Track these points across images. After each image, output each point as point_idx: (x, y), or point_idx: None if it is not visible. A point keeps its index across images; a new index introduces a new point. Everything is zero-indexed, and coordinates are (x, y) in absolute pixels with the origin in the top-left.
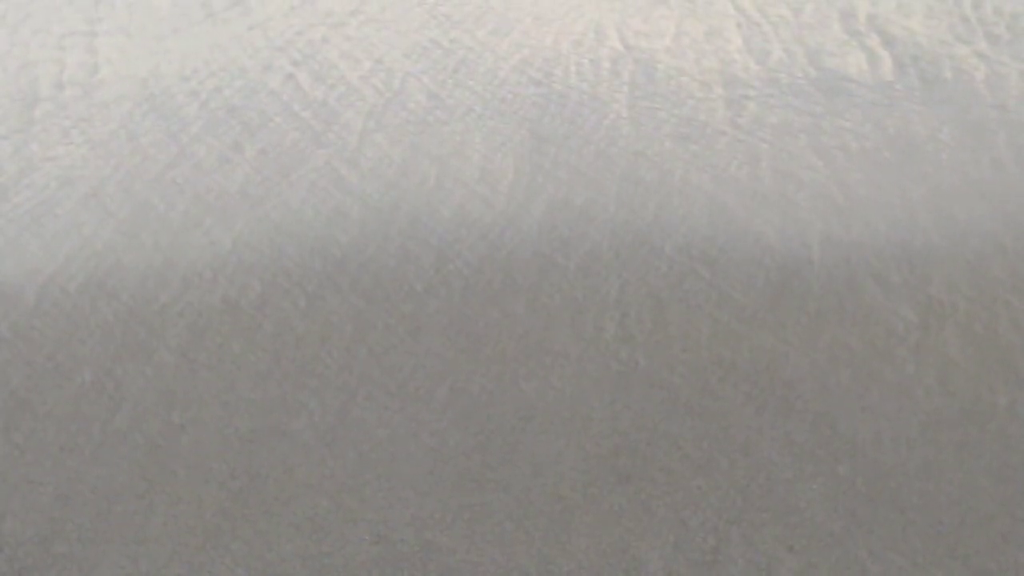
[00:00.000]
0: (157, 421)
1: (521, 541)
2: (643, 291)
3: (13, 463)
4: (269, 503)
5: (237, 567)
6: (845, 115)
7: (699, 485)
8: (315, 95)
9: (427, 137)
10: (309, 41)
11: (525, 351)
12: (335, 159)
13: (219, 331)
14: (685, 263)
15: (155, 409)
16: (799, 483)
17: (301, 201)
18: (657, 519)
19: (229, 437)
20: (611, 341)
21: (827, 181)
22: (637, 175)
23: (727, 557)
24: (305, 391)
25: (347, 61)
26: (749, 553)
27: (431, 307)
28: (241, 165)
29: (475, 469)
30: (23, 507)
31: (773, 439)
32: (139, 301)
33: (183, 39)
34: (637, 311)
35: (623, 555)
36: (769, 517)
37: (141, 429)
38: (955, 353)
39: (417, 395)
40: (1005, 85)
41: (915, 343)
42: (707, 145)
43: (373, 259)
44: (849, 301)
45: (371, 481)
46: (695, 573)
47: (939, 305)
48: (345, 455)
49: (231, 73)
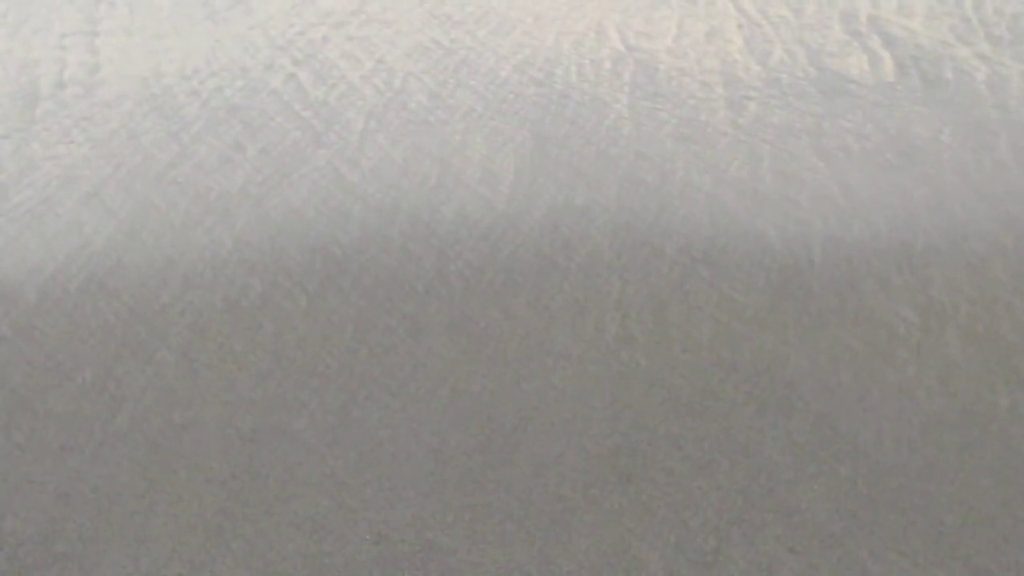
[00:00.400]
0: (158, 420)
1: (522, 541)
2: (644, 292)
3: (14, 462)
4: (270, 502)
5: (238, 566)
6: (846, 116)
7: (700, 485)
8: (316, 95)
9: (428, 137)
10: (310, 41)
11: (526, 351)
12: (336, 159)
13: (220, 331)
14: (686, 264)
15: (156, 408)
16: (800, 484)
17: (302, 201)
18: (658, 519)
19: (230, 436)
20: (612, 341)
21: (828, 182)
22: (638, 175)
23: (728, 558)
24: (306, 391)
25: (348, 61)
26: (750, 554)
27: (432, 307)
28: (242, 164)
29: (476, 469)
30: (24, 506)
31: (774, 440)
32: (140, 300)
33: (184, 38)
34: (638, 312)
35: (624, 555)
36: (770, 518)
37: (142, 428)
38: (956, 354)
39: (418, 395)
40: (1006, 86)
41: (916, 344)
42: (708, 146)
43: (374, 259)
44: (850, 302)
45: (372, 481)
46: (696, 573)
47: (940, 306)
48: (346, 455)
49: (232, 72)
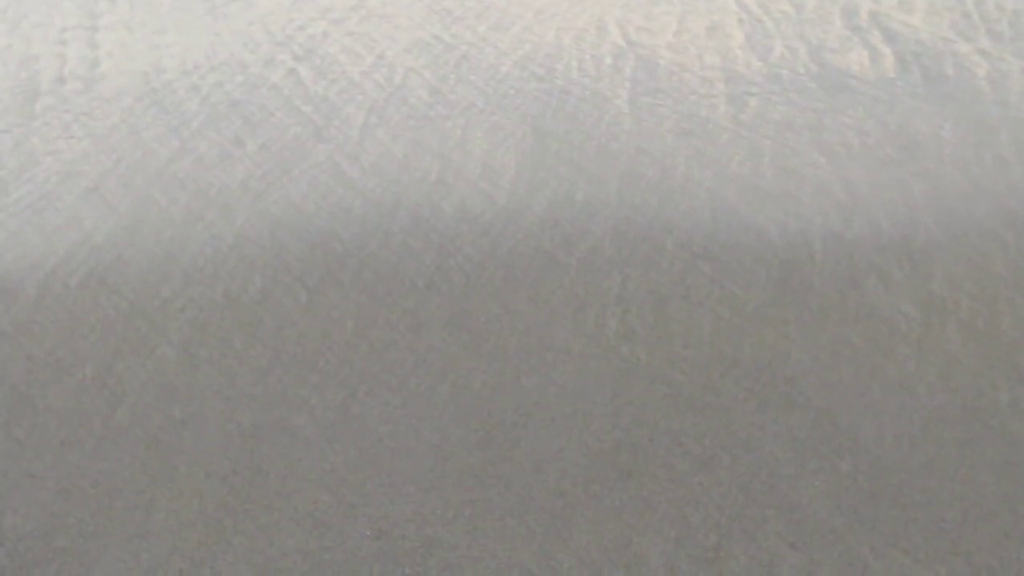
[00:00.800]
0: (158, 416)
1: (522, 537)
2: (645, 287)
3: (14, 458)
4: (270, 498)
5: (238, 562)
6: (847, 111)
7: (701, 481)
8: (316, 90)
9: (428, 132)
10: (310, 36)
11: (527, 347)
12: (336, 154)
13: (220, 326)
14: (687, 259)
15: (156, 404)
16: (801, 479)
17: (302, 196)
18: (659, 515)
19: (230, 432)
20: (613, 337)
21: (829, 177)
22: (639, 171)
23: (729, 553)
24: (306, 386)
25: (348, 56)
26: (751, 549)
27: (432, 303)
28: (242, 160)
29: (476, 465)
30: (24, 502)
31: (775, 435)
32: (140, 296)
33: (184, 33)
34: (639, 307)
35: (624, 551)
36: (771, 513)
37: (142, 424)
38: (957, 350)
39: (418, 391)
40: (1007, 82)
41: (917, 339)
42: (709, 141)
43: (374, 254)
44: (851, 297)
45: (372, 476)
46: (697, 569)
47: (941, 301)
48: (346, 450)
49: (232, 68)
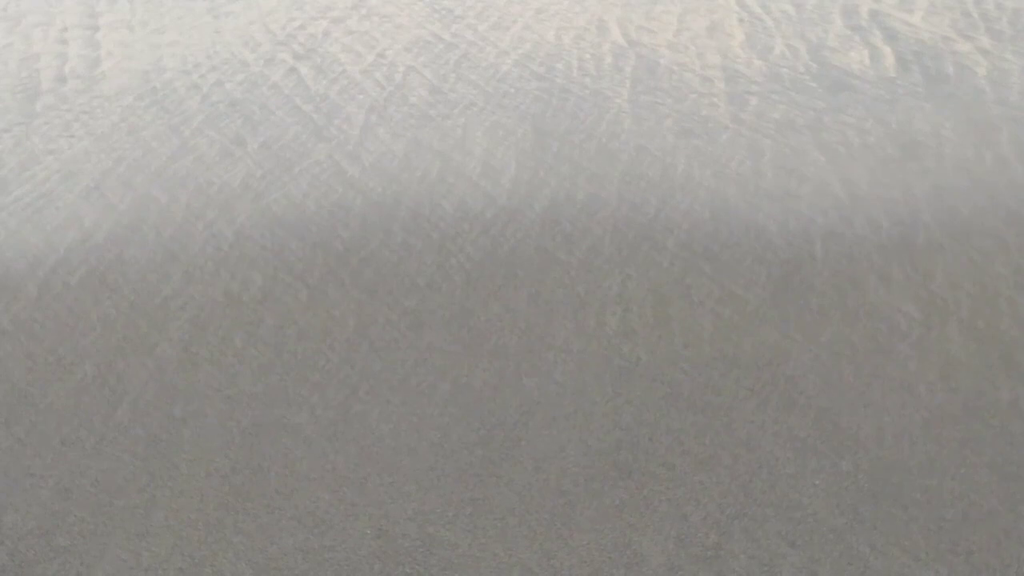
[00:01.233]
0: (159, 414)
1: (523, 535)
2: (645, 286)
3: (14, 456)
4: (271, 497)
5: (239, 560)
6: (847, 111)
7: (701, 480)
8: (317, 89)
9: (429, 131)
10: (311, 35)
11: (527, 346)
12: (337, 153)
13: (221, 324)
14: (687, 258)
15: (157, 402)
16: (801, 479)
17: (303, 195)
18: (659, 514)
19: (231, 431)
20: (613, 336)
21: (829, 177)
22: (639, 170)
23: (729, 552)
24: (307, 385)
25: (349, 55)
26: (751, 548)
27: (433, 301)
28: (243, 159)
29: (477, 464)
30: (24, 500)
31: (775, 434)
32: (141, 294)
33: (185, 33)
34: (639, 306)
35: (625, 550)
36: (771, 512)
37: (143, 422)
38: (957, 349)
39: (419, 389)
40: (1007, 81)
41: (917, 339)
42: (709, 140)
43: (375, 253)
44: (851, 297)
45: (373, 475)
46: (697, 568)
47: (941, 301)
48: (347, 449)
49: (233, 67)
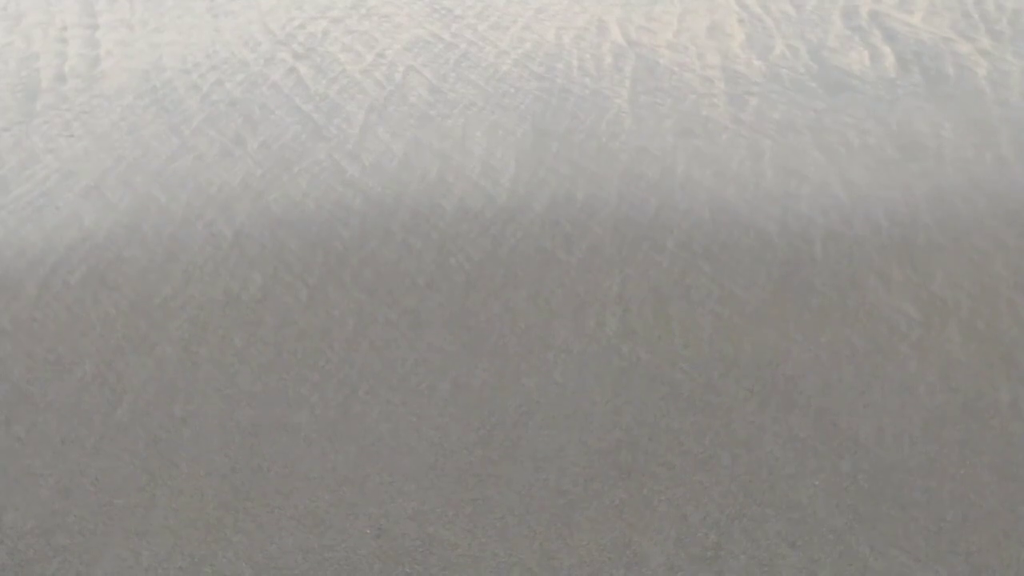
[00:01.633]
0: (158, 414)
1: (523, 535)
2: (645, 286)
3: (14, 455)
4: (270, 496)
5: (238, 560)
6: (847, 111)
7: (701, 480)
8: (317, 88)
9: (429, 131)
10: (311, 34)
11: (527, 346)
12: (336, 152)
13: (220, 324)
14: (687, 258)
15: (156, 402)
16: (801, 479)
17: (303, 194)
18: (659, 514)
19: (230, 430)
20: (613, 336)
21: (829, 177)
22: (639, 170)
23: (729, 552)
24: (307, 384)
25: (349, 54)
26: (751, 549)
27: (433, 301)
28: (243, 158)
29: (477, 463)
30: (24, 499)
31: (775, 435)
32: (140, 294)
33: (185, 32)
34: (639, 306)
35: (625, 550)
36: (771, 513)
37: (142, 422)
38: (957, 350)
39: (419, 389)
40: (1007, 81)
41: (917, 340)
42: (709, 140)
43: (375, 253)
44: (851, 297)
45: (373, 475)
46: (697, 568)
47: (941, 302)
48: (347, 449)
49: (233, 66)
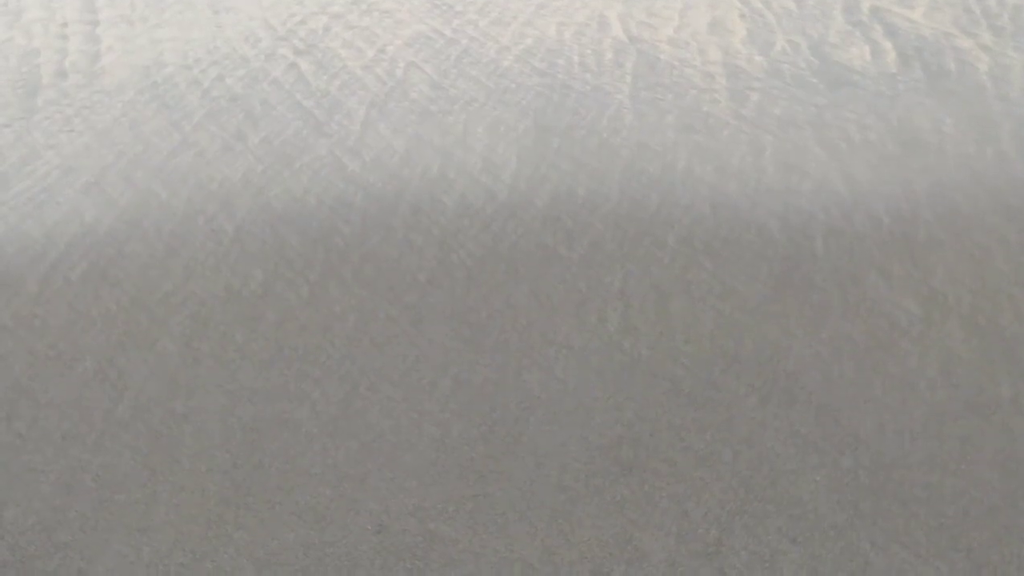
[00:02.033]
0: (159, 410)
1: (524, 531)
2: (646, 282)
3: (15, 452)
4: (271, 492)
5: (239, 556)
6: (849, 107)
7: (702, 476)
8: (318, 84)
9: (430, 127)
10: (311, 30)
11: (528, 342)
12: (337, 148)
13: (222, 320)
14: (688, 254)
15: (157, 398)
16: (802, 475)
17: (304, 190)
18: (660, 510)
19: (231, 426)
20: (614, 332)
21: (830, 173)
22: (640, 166)
23: (730, 548)
24: (308, 380)
25: (349, 50)
26: (752, 544)
27: (434, 297)
28: (244, 154)
29: (478, 459)
30: (25, 495)
31: (776, 431)
32: (141, 290)
33: (185, 28)
34: (640, 302)
35: (626, 546)
36: (772, 509)
37: (143, 418)
38: (958, 346)
39: (420, 385)
40: (1009, 77)
41: (918, 335)
42: (710, 136)
43: (376, 249)
44: (852, 293)
45: (373, 471)
46: (698, 564)
47: (942, 298)
48: (348, 445)
49: (233, 62)
